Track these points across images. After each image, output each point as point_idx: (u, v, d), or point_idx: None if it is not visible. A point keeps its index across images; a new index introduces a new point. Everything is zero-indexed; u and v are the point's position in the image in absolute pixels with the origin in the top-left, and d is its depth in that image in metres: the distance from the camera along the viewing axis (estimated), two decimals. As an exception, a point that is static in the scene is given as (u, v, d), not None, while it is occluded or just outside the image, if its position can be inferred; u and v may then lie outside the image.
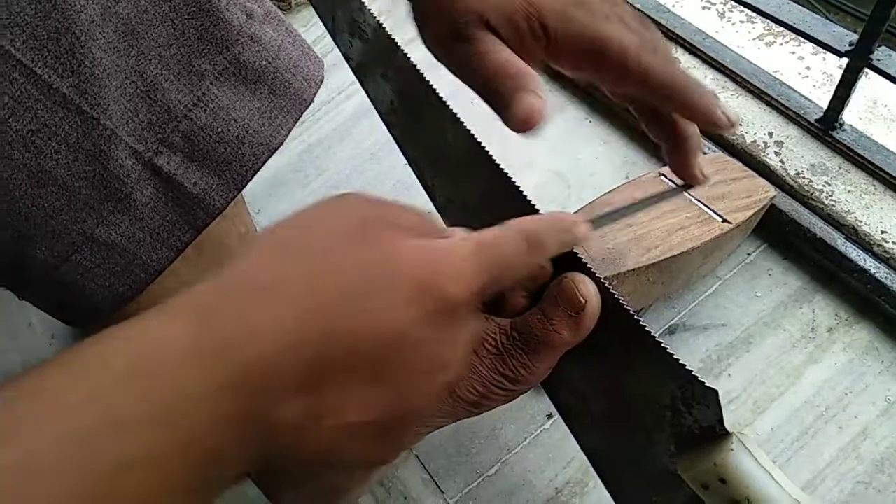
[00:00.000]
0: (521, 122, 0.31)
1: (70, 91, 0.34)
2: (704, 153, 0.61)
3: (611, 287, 0.33)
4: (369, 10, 0.43)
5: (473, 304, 0.26)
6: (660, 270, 0.55)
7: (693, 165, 0.36)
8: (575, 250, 0.34)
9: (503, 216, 0.39)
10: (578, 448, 0.40)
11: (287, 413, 0.22)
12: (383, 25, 0.42)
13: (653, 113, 0.38)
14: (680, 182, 0.40)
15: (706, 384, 0.29)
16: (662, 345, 0.30)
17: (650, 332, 0.31)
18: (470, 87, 0.36)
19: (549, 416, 0.61)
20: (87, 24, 0.33)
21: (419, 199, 0.42)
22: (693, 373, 0.29)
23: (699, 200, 0.58)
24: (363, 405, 0.23)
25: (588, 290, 0.33)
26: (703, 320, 0.64)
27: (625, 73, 0.33)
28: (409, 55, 0.40)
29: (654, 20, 0.79)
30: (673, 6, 0.81)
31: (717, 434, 0.30)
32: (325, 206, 0.26)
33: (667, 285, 0.59)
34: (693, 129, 0.38)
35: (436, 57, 0.36)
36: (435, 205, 0.45)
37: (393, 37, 0.41)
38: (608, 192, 0.59)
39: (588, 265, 0.34)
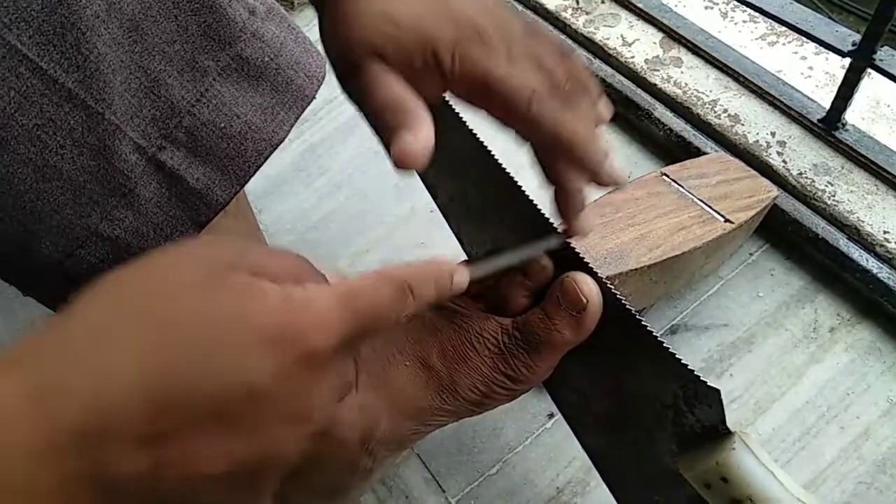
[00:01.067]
0: (394, 161, 0.29)
1: (75, 86, 0.34)
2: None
3: (613, 287, 0.33)
4: None
5: (339, 352, 0.25)
6: (662, 270, 0.54)
7: (574, 219, 0.35)
8: (577, 250, 0.34)
9: (505, 216, 0.39)
10: (580, 447, 0.39)
11: (128, 466, 0.21)
12: None
13: (547, 159, 0.36)
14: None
15: (708, 384, 0.29)
16: (664, 344, 0.30)
17: (652, 332, 0.31)
18: (366, 119, 0.34)
19: (551, 416, 0.61)
20: (92, 20, 0.33)
21: (421, 197, 0.43)
22: (695, 372, 0.29)
23: (701, 200, 0.58)
24: (216, 456, 0.23)
25: (590, 289, 0.33)
26: (704, 320, 0.64)
27: (513, 117, 0.32)
28: None
29: (656, 19, 0.79)
30: (676, 6, 0.81)
31: (719, 433, 0.30)
32: (167, 256, 0.26)
33: (669, 285, 0.59)
34: (580, 187, 0.35)
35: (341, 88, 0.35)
36: (437, 203, 0.45)
37: None
38: (610, 192, 0.59)
39: (590, 265, 0.34)
